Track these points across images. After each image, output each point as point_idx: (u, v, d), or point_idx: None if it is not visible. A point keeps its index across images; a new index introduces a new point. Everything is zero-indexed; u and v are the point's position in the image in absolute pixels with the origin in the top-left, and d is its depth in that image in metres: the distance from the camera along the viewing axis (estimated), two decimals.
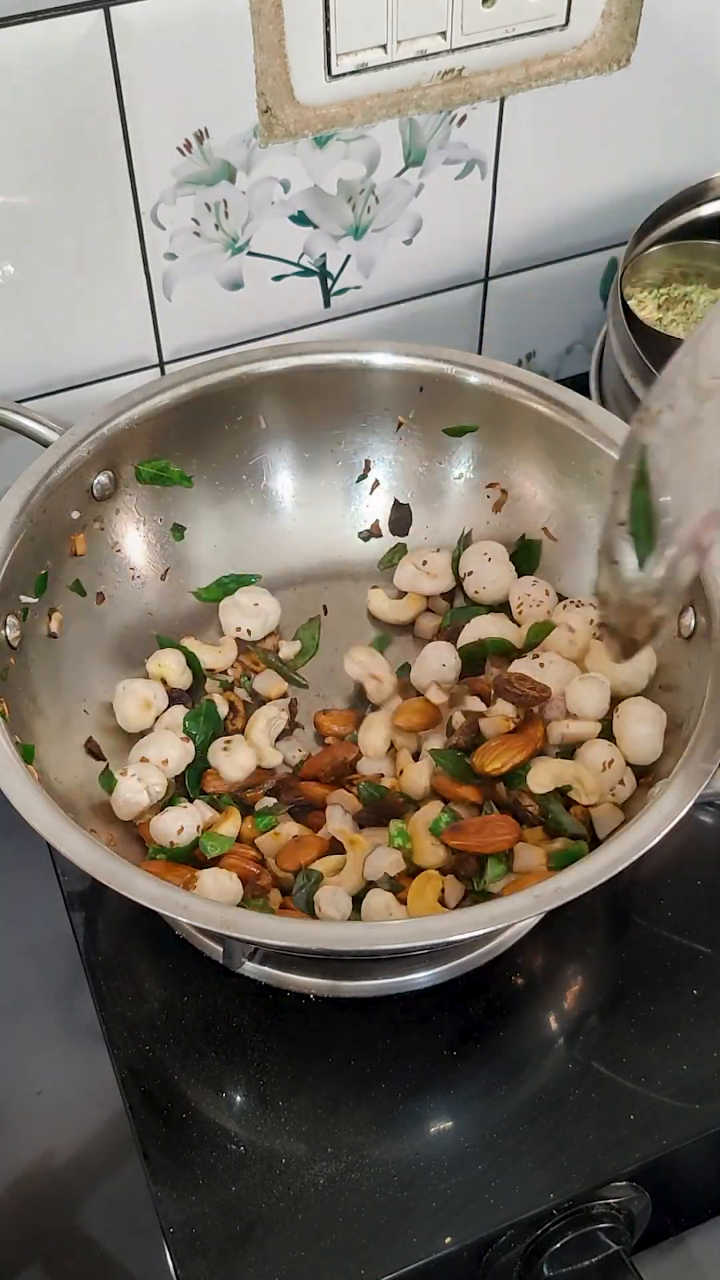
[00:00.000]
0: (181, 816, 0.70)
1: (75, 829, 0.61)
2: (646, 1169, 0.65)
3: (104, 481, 0.77)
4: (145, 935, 0.73)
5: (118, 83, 0.74)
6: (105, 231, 0.80)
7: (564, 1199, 0.64)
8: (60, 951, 0.74)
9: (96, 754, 0.74)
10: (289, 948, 0.63)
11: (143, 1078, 0.68)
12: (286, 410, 0.82)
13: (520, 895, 0.59)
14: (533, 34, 0.81)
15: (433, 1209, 0.64)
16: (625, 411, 0.84)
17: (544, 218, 0.93)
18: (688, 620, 0.70)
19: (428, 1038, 0.69)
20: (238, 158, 0.80)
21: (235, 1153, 0.65)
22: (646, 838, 0.60)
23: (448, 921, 0.59)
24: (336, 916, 0.67)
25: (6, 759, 0.63)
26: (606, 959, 0.73)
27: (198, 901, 0.59)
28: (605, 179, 0.93)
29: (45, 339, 0.83)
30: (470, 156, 0.87)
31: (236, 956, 0.68)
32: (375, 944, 0.59)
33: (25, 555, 0.72)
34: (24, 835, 0.61)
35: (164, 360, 0.88)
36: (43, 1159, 0.67)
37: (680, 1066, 0.68)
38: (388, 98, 0.80)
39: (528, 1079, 0.68)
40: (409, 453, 0.84)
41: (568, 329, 1.02)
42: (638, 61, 0.86)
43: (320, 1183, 0.64)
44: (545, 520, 0.81)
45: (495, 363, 0.80)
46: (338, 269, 0.89)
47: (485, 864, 0.68)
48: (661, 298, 0.94)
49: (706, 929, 0.73)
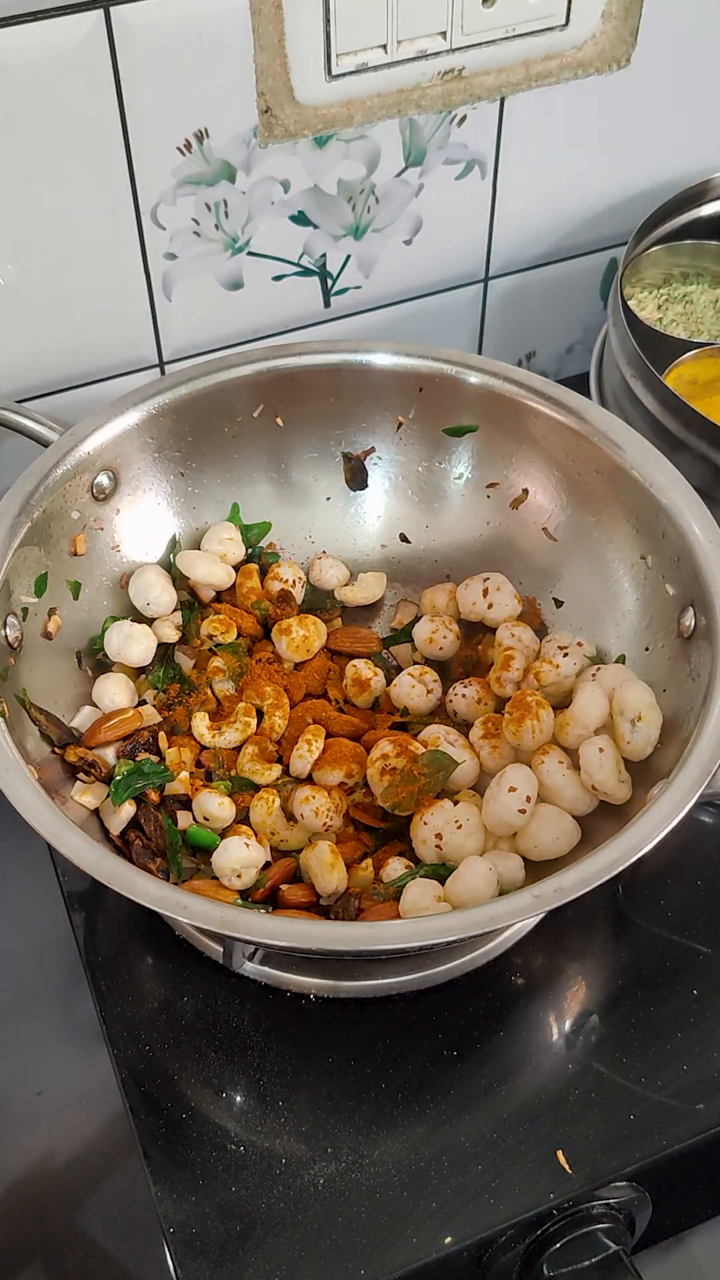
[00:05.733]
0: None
1: (75, 829, 0.61)
2: (646, 1169, 0.65)
3: (104, 481, 0.77)
4: (145, 935, 0.73)
5: (118, 83, 0.74)
6: (105, 231, 0.80)
7: (564, 1199, 0.64)
8: (60, 951, 0.74)
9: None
10: (289, 948, 0.63)
11: (143, 1078, 0.68)
12: (286, 411, 0.82)
13: (520, 895, 0.59)
14: (533, 34, 0.81)
15: (433, 1209, 0.64)
16: (625, 411, 0.85)
17: (544, 218, 0.94)
18: (688, 620, 0.70)
19: (428, 1038, 0.69)
20: (238, 158, 0.80)
21: (235, 1153, 0.65)
22: (646, 838, 0.60)
23: (447, 921, 0.59)
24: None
25: (6, 759, 0.63)
26: (606, 959, 0.73)
27: (198, 901, 0.58)
28: (605, 179, 0.93)
29: (45, 339, 0.83)
30: (470, 156, 0.87)
31: (236, 956, 0.68)
32: (375, 944, 0.59)
33: (25, 555, 0.72)
34: (24, 835, 0.61)
35: (164, 360, 0.88)
36: (43, 1159, 0.67)
37: (680, 1066, 0.68)
38: (388, 98, 0.80)
39: (528, 1079, 0.68)
40: (409, 453, 0.84)
41: (568, 329, 1.02)
42: (638, 61, 0.86)
43: (320, 1183, 0.65)
44: (545, 521, 0.81)
45: (495, 363, 0.80)
46: (338, 269, 0.89)
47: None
48: (661, 298, 0.94)
49: (706, 929, 0.73)
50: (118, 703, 0.75)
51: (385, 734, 0.75)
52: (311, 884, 0.70)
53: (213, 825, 0.72)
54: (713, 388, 0.86)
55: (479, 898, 0.66)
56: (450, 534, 0.84)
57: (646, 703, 0.70)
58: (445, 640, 0.80)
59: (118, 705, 0.75)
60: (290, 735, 0.75)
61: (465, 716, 0.77)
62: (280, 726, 0.75)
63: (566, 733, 0.72)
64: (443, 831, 0.70)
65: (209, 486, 0.82)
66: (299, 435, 0.83)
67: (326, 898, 0.70)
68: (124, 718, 0.74)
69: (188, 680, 0.78)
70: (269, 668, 0.78)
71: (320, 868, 0.69)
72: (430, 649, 0.81)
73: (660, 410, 0.82)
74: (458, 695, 0.77)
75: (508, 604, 0.80)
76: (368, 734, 0.76)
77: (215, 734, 0.75)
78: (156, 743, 0.75)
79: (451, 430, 0.82)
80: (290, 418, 0.82)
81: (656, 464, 0.74)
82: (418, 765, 0.72)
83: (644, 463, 0.74)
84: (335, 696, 0.79)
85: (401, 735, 0.75)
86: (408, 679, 0.78)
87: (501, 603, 0.80)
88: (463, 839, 0.69)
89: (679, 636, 0.71)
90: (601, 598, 0.78)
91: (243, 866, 0.69)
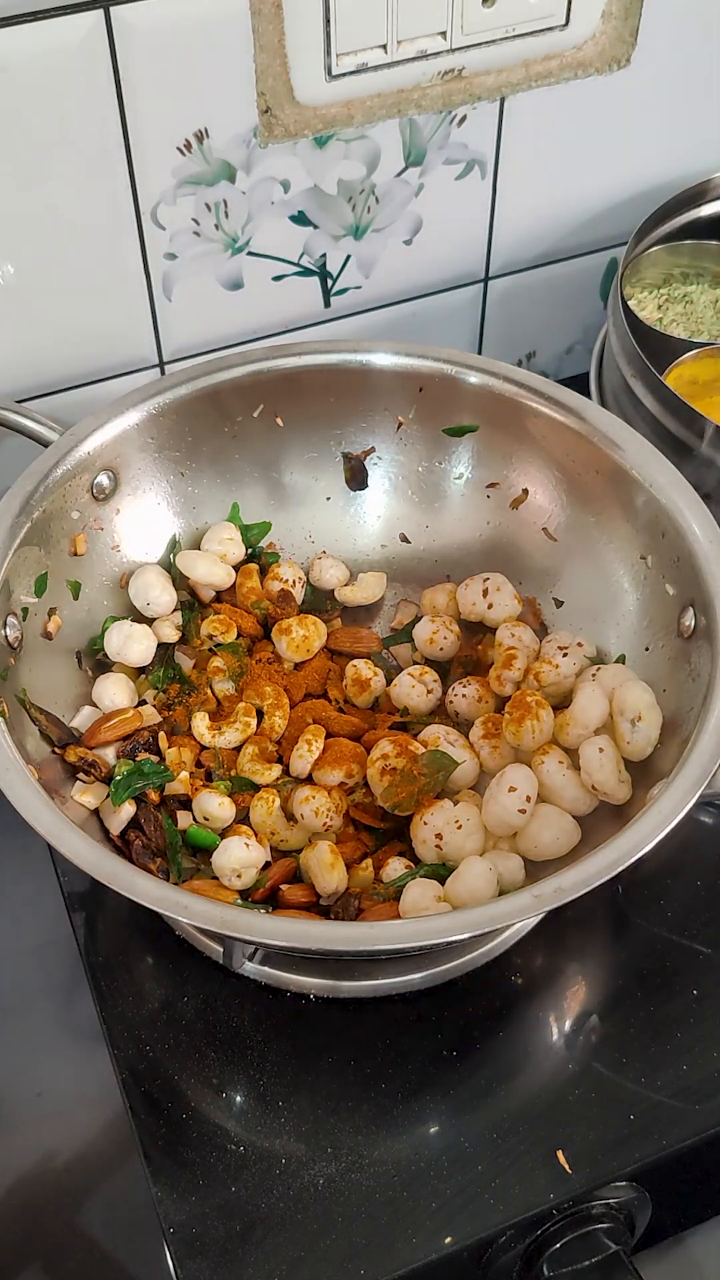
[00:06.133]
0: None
1: (75, 829, 0.61)
2: (646, 1169, 0.65)
3: (104, 481, 0.77)
4: (145, 935, 0.73)
5: (118, 83, 0.74)
6: (105, 231, 0.80)
7: (564, 1199, 0.64)
8: (60, 951, 0.74)
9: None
10: (289, 948, 0.63)
11: (143, 1078, 0.68)
12: (286, 411, 0.82)
13: (520, 895, 0.59)
14: (533, 34, 0.81)
15: (433, 1209, 0.64)
16: (625, 411, 0.85)
17: (544, 218, 0.94)
18: (688, 620, 0.70)
19: (428, 1038, 0.69)
20: (238, 158, 0.80)
21: (235, 1153, 0.65)
22: (646, 838, 0.60)
23: (447, 921, 0.59)
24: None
25: (6, 759, 0.63)
26: (606, 959, 0.73)
27: (198, 901, 0.58)
28: (605, 179, 0.93)
29: (45, 339, 0.83)
30: (470, 156, 0.87)
31: (236, 956, 0.68)
32: (375, 944, 0.59)
33: (25, 555, 0.72)
34: (24, 835, 0.61)
35: (164, 360, 0.88)
36: (43, 1160, 0.67)
37: (680, 1066, 0.68)
38: (388, 98, 0.80)
39: (528, 1079, 0.68)
40: (409, 453, 0.84)
41: (568, 329, 1.02)
42: (638, 61, 0.86)
43: (320, 1183, 0.65)
44: (545, 521, 0.81)
45: (495, 363, 0.80)
46: (338, 269, 0.89)
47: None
48: (661, 298, 0.94)
49: (706, 929, 0.73)
50: (118, 703, 0.75)
51: (385, 734, 0.75)
52: (311, 884, 0.70)
53: (213, 825, 0.72)
54: (713, 388, 0.86)
55: (479, 898, 0.66)
56: (450, 534, 0.84)
57: (646, 703, 0.70)
58: (445, 640, 0.80)
59: (118, 705, 0.75)
60: (290, 735, 0.75)
61: (465, 716, 0.77)
62: (280, 726, 0.75)
63: (566, 733, 0.72)
64: (443, 831, 0.70)
65: (209, 486, 0.82)
66: (299, 435, 0.83)
67: (326, 898, 0.70)
68: (124, 718, 0.74)
69: (188, 680, 0.78)
70: (269, 668, 0.78)
71: (320, 868, 0.69)
72: (430, 649, 0.81)
73: (660, 410, 0.82)
74: (458, 695, 0.77)
75: (508, 604, 0.80)
76: (368, 734, 0.76)
77: (215, 734, 0.75)
78: (156, 743, 0.75)
79: (451, 430, 0.82)
80: (290, 418, 0.82)
81: (656, 464, 0.74)
82: (418, 765, 0.72)
83: (644, 463, 0.74)
84: (335, 696, 0.79)
85: (401, 735, 0.75)
86: (408, 679, 0.78)
87: (501, 603, 0.80)
88: (463, 839, 0.69)
89: (679, 636, 0.71)
90: (601, 598, 0.78)
91: (243, 866, 0.69)
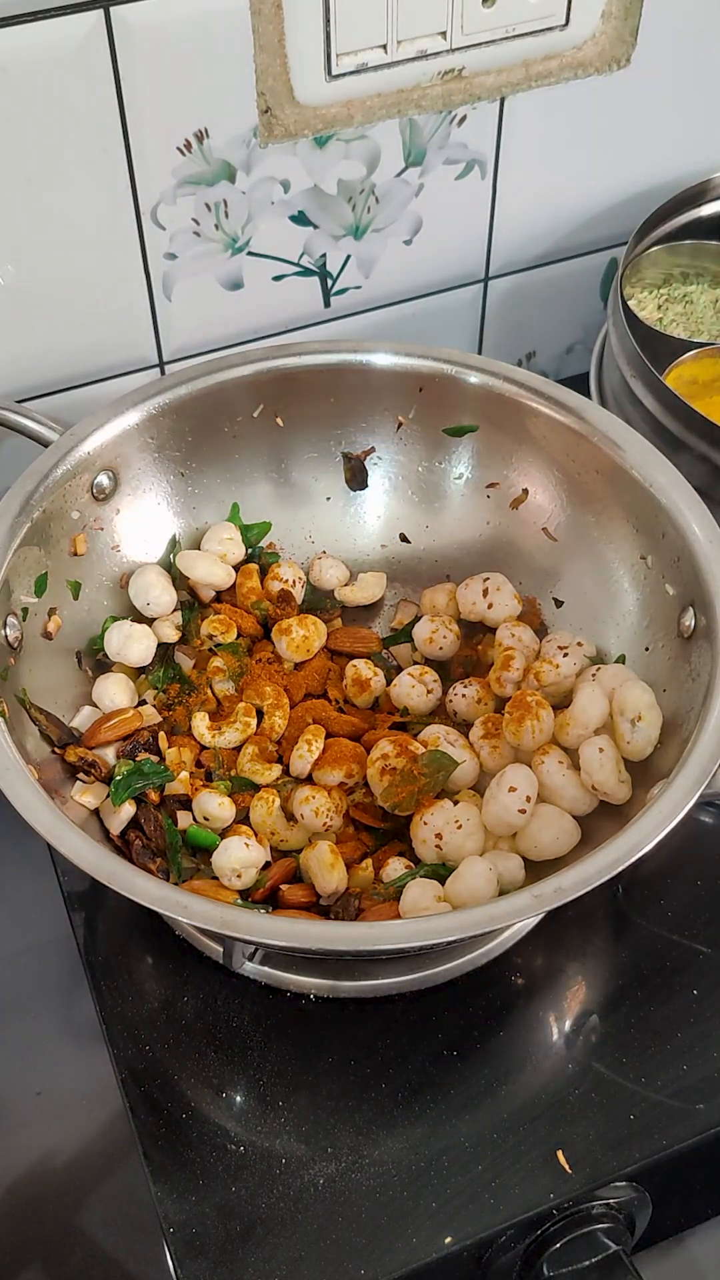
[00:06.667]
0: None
1: (75, 829, 0.61)
2: (646, 1169, 0.65)
3: (104, 481, 0.77)
4: (145, 935, 0.73)
5: (118, 83, 0.74)
6: (105, 231, 0.80)
7: (564, 1199, 0.64)
8: (60, 951, 0.74)
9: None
10: (289, 948, 0.63)
11: (143, 1078, 0.68)
12: (286, 410, 0.82)
13: (520, 895, 0.59)
14: (533, 34, 0.81)
15: (433, 1209, 0.64)
16: (625, 411, 0.85)
17: (544, 218, 0.94)
18: (688, 620, 0.70)
19: (428, 1038, 0.69)
20: (238, 158, 0.80)
21: (235, 1153, 0.65)
22: (646, 838, 0.60)
23: (448, 921, 0.59)
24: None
25: (6, 759, 0.63)
26: (606, 959, 0.73)
27: (198, 901, 0.58)
28: (605, 179, 0.93)
29: (45, 339, 0.83)
30: (470, 156, 0.87)
31: (236, 956, 0.68)
32: (375, 944, 0.59)
33: (25, 555, 0.72)
34: (24, 835, 0.61)
35: (164, 360, 0.88)
36: (43, 1159, 0.67)
37: (680, 1066, 0.68)
38: (388, 98, 0.80)
39: (528, 1079, 0.68)
40: (409, 453, 0.84)
41: (568, 329, 1.02)
42: (638, 61, 0.86)
43: (320, 1183, 0.65)
44: (545, 521, 0.81)
45: (495, 363, 0.80)
46: (338, 269, 0.89)
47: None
48: (661, 298, 0.94)
49: (706, 929, 0.73)
50: (118, 703, 0.75)
51: (385, 734, 0.75)
52: (311, 884, 0.70)
53: (213, 825, 0.72)
54: (713, 388, 0.86)
55: (479, 898, 0.66)
56: (450, 534, 0.84)
57: (646, 703, 0.70)
58: (445, 640, 0.80)
59: (118, 705, 0.75)
60: (290, 735, 0.75)
61: (465, 716, 0.77)
62: (280, 726, 0.75)
63: (566, 733, 0.72)
64: (443, 831, 0.70)
65: (209, 486, 0.82)
66: (299, 435, 0.83)
67: (326, 898, 0.70)
68: (124, 718, 0.74)
69: (188, 680, 0.78)
70: (269, 668, 0.78)
71: (320, 868, 0.69)
72: (430, 649, 0.81)
73: (660, 410, 0.82)
74: (458, 695, 0.77)
75: (508, 604, 0.80)
76: (368, 734, 0.76)
77: (215, 734, 0.75)
78: (156, 743, 0.75)
79: (451, 430, 0.82)
80: (290, 418, 0.82)
81: (656, 464, 0.74)
82: (418, 765, 0.72)
83: (644, 463, 0.74)
84: (335, 696, 0.79)
85: (401, 735, 0.75)
86: (408, 679, 0.78)
87: (501, 603, 0.80)
88: (463, 839, 0.69)
89: (679, 636, 0.71)
90: (601, 598, 0.78)
91: (243, 866, 0.69)
